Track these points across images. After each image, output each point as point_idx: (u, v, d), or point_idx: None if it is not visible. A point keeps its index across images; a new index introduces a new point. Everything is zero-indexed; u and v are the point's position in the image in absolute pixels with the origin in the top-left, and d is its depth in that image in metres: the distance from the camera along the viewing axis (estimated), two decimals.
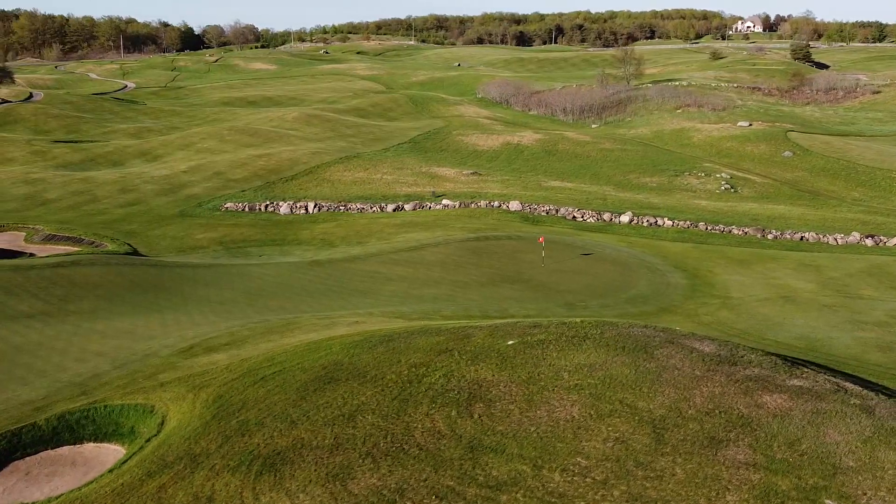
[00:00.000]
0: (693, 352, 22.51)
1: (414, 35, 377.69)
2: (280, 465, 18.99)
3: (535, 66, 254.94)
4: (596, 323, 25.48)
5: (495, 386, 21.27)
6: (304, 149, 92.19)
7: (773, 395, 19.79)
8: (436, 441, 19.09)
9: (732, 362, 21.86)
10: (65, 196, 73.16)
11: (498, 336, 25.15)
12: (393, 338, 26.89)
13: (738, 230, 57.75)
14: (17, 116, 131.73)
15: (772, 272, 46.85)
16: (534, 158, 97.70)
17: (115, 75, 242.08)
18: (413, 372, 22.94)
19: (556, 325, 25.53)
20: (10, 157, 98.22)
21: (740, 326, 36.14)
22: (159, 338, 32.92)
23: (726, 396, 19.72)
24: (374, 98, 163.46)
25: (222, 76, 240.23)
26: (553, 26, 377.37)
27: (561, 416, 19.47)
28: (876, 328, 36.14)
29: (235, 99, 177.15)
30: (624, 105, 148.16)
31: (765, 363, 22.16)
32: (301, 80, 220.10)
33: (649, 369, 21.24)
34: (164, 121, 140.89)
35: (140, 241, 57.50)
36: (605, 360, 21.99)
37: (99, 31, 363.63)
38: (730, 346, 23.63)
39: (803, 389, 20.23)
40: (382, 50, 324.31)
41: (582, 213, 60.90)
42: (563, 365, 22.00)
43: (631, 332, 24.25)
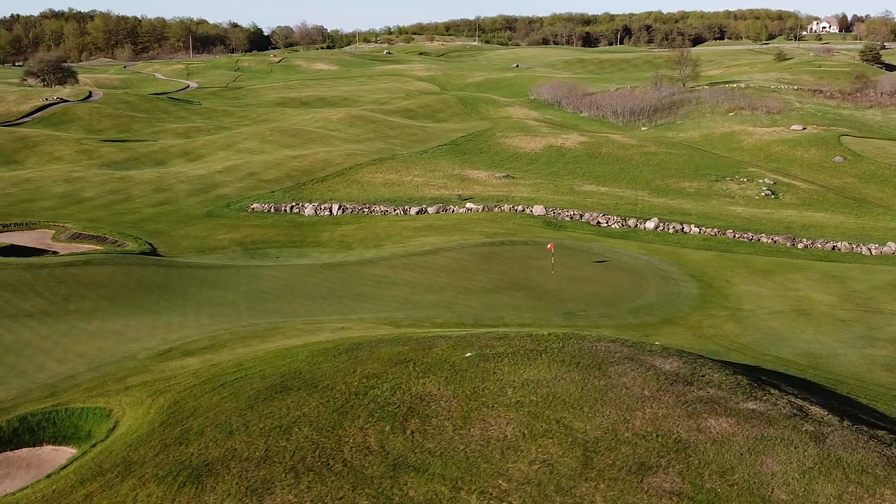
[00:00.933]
0: (651, 369, 21.49)
1: (477, 36, 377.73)
2: (205, 476, 18.62)
3: (595, 67, 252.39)
4: (560, 336, 24.59)
5: (437, 401, 20.59)
6: (340, 150, 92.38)
7: (719, 418, 18.72)
8: (362, 457, 18.52)
9: (689, 382, 20.80)
10: (101, 195, 74.48)
11: (460, 347, 24.43)
12: (361, 346, 26.37)
13: (767, 238, 55.81)
14: (72, 116, 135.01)
15: (792, 283, 45.08)
16: (574, 161, 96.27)
17: (179, 75, 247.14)
18: (363, 383, 22.38)
19: (520, 338, 24.71)
20: (59, 156, 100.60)
21: (743, 340, 34.73)
22: (144, 340, 32.98)
23: (669, 419, 18.72)
24: (424, 99, 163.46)
25: (283, 77, 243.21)
26: (620, 27, 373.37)
27: (493, 435, 18.72)
28: (888, 345, 34.39)
29: (289, 99, 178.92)
30: (676, 107, 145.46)
31: (725, 383, 21.04)
32: (358, 80, 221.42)
33: (597, 387, 20.33)
34: (215, 121, 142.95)
35: (163, 240, 58.10)
36: (555, 377, 21.13)
37: (169, 31, 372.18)
38: (694, 363, 22.53)
39: (755, 413, 19.10)
40: (445, 51, 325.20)
41: (607, 219, 59.59)
42: (511, 380, 21.21)
43: (592, 347, 23.31)
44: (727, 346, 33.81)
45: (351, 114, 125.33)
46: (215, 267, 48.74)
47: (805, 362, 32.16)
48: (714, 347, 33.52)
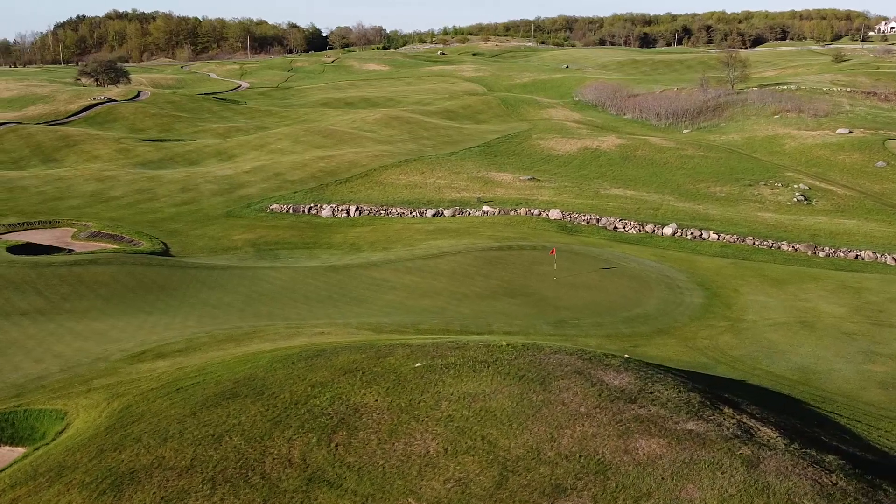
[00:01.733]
0: (596, 385, 20.72)
1: (533, 37, 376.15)
2: (127, 484, 18.41)
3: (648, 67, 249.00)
4: (518, 347, 23.91)
5: (370, 413, 20.10)
6: (369, 151, 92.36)
7: (651, 439, 17.90)
8: (281, 470, 18.13)
9: (632, 399, 19.98)
10: (128, 193, 75.53)
11: (414, 357, 23.90)
12: (322, 353, 25.95)
13: (787, 246, 54.10)
14: (117, 115, 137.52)
15: (804, 293, 43.54)
16: (608, 164, 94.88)
17: (233, 75, 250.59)
18: (307, 392, 22.00)
19: (476, 348, 24.09)
20: (97, 155, 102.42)
21: (736, 353, 33.56)
22: (124, 341, 33.08)
23: (598, 438, 17.96)
24: (466, 100, 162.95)
25: (334, 77, 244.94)
26: (680, 27, 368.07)
27: (415, 451, 18.18)
28: (890, 361, 32.91)
29: (334, 100, 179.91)
30: (721, 110, 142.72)
31: (673, 401, 20.17)
32: (406, 81, 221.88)
33: (533, 403, 19.65)
34: (257, 121, 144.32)
35: (178, 240, 58.58)
36: (494, 390, 20.48)
37: (228, 32, 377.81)
38: (648, 379, 21.69)
39: (692, 435, 18.23)
40: (499, 51, 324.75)
41: (624, 224, 58.39)
42: (450, 393, 20.63)
43: (544, 360, 22.60)
44: (717, 358, 32.68)
45: (388, 115, 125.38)
46: (220, 268, 48.88)
47: (796, 378, 30.94)
48: (703, 360, 32.44)
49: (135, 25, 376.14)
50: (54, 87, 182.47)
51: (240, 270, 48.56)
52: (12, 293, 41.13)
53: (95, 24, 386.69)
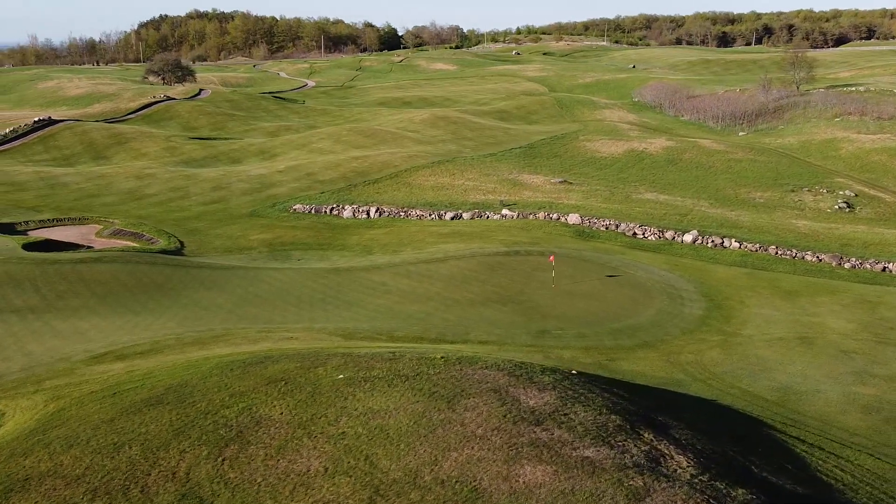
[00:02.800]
0: (507, 404, 19.82)
1: (607, 36, 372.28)
2: (15, 492, 18.30)
3: (719, 68, 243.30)
4: (449, 360, 23.09)
5: (270, 426, 19.59)
6: (405, 151, 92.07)
7: (539, 466, 16.98)
8: (161, 484, 17.78)
9: (539, 421, 19.04)
10: (162, 192, 76.70)
11: (346, 367, 23.31)
12: (263, 361, 25.58)
13: (812, 256, 51.76)
14: (173, 113, 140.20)
15: (814, 307, 41.52)
16: (651, 167, 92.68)
17: (302, 74, 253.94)
18: (224, 402, 21.64)
19: (407, 360, 23.34)
20: (145, 153, 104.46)
21: (718, 370, 32.06)
22: (96, 340, 33.29)
23: (483, 463, 17.10)
24: (522, 100, 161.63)
25: (400, 76, 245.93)
26: (761, 26, 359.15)
27: (296, 469, 17.60)
28: (883, 383, 31.03)
29: (392, 99, 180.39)
30: (782, 112, 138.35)
31: (585, 424, 19.17)
32: (469, 81, 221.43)
33: (431, 422, 18.86)
34: (310, 119, 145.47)
35: (196, 238, 59.09)
36: (399, 407, 19.76)
37: (303, 31, 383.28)
38: (569, 398, 20.68)
39: (587, 462, 17.24)
40: (570, 51, 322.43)
41: (643, 230, 56.70)
42: (354, 408, 19.98)
43: (470, 375, 21.77)
44: (695, 375, 31.26)
45: (435, 115, 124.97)
46: (223, 268, 49.06)
47: (773, 398, 29.36)
48: (679, 376, 31.07)
49: (214, 25, 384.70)
50: (121, 86, 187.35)
51: (243, 271, 48.65)
52: (11, 290, 41.87)
53: (176, 24, 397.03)
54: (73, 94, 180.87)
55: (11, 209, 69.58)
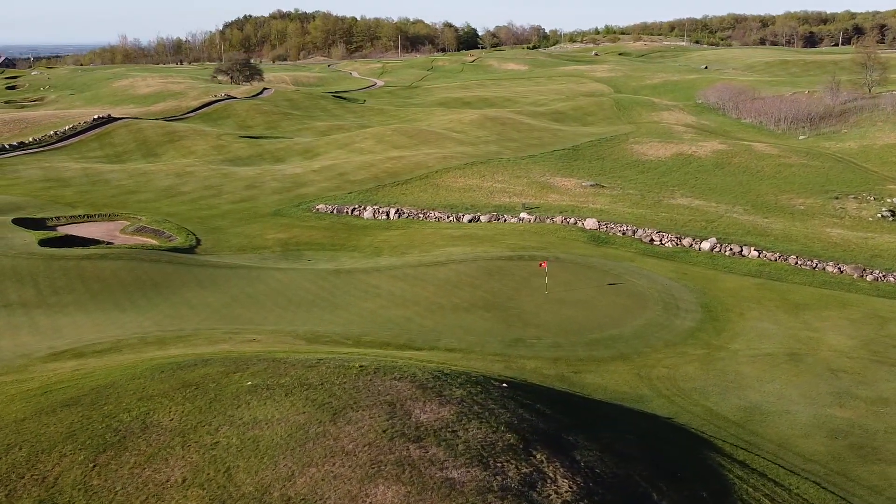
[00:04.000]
0: (396, 418, 19.20)
1: (687, 36, 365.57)
2: None
3: (798, 69, 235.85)
4: (367, 368, 22.50)
5: (152, 433, 19.37)
6: (442, 152, 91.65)
7: (394, 486, 16.35)
8: (28, 489, 17.80)
9: (420, 438, 18.36)
10: (196, 189, 77.87)
11: (261, 374, 22.97)
12: (196, 364, 25.39)
13: (833, 267, 49.38)
14: (231, 112, 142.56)
15: (819, 321, 39.53)
16: (695, 171, 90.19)
17: (373, 74, 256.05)
18: (130, 405, 21.53)
19: (325, 368, 22.83)
20: (193, 150, 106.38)
21: (687, 386, 30.71)
22: (65, 337, 33.74)
23: (338, 481, 16.55)
24: (581, 101, 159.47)
25: (469, 76, 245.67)
26: (851, 27, 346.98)
27: (157, 479, 17.35)
28: (863, 405, 29.26)
29: (453, 99, 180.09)
30: (848, 115, 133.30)
31: (470, 442, 18.46)
32: (536, 81, 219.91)
33: (308, 435, 18.36)
34: (365, 119, 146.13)
35: (215, 237, 59.69)
36: (283, 418, 19.31)
37: (381, 31, 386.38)
38: (467, 414, 19.91)
39: (447, 483, 16.53)
40: (647, 51, 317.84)
41: (661, 236, 54.97)
42: (240, 417, 19.62)
43: (377, 384, 21.22)
44: (660, 391, 30.00)
45: (485, 115, 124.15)
46: (226, 267, 49.37)
47: (736, 418, 27.94)
48: (643, 392, 29.86)
49: (295, 25, 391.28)
50: (189, 85, 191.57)
51: (245, 270, 48.87)
52: (11, 284, 42.86)
53: (260, 24, 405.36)
54: (142, 93, 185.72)
55: (50, 205, 71.54)
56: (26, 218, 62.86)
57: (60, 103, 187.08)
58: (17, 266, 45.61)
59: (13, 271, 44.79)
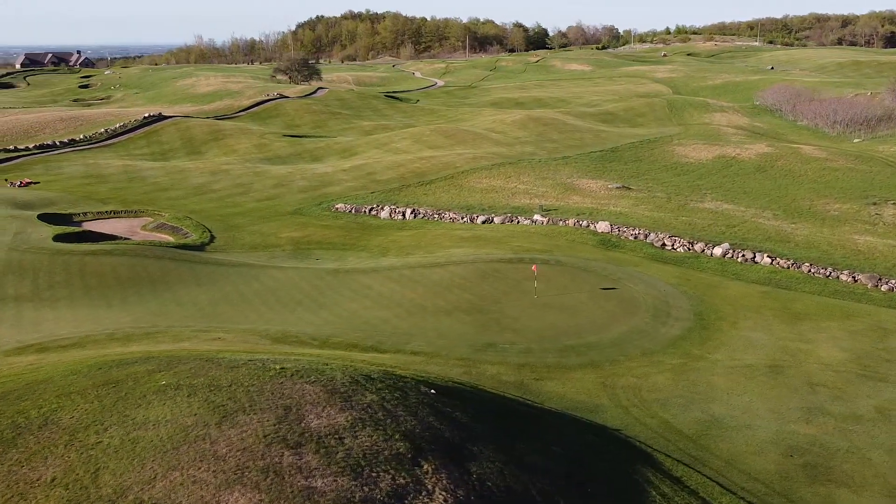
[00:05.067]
0: (285, 422, 18.93)
1: (759, 36, 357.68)
2: None
3: (871, 70, 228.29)
4: (287, 370, 22.27)
5: (47, 431, 19.47)
6: (474, 153, 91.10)
7: (249, 493, 16.23)
8: None
9: (300, 444, 18.14)
10: (227, 188, 78.84)
11: (187, 373, 22.92)
12: (135, 362, 25.52)
13: (847, 276, 47.36)
14: (280, 111, 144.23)
15: (815, 332, 37.92)
16: (734, 175, 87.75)
17: (436, 74, 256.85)
18: (46, 402, 21.70)
19: (241, 368, 22.67)
20: (236, 149, 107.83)
21: (651, 397, 29.73)
22: (38, 332, 34.35)
23: (196, 486, 16.41)
24: (633, 102, 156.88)
25: (530, 76, 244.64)
26: None
27: (30, 477, 17.48)
28: (832, 422, 27.92)
29: (506, 100, 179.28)
30: None
31: (355, 449, 18.16)
32: (595, 81, 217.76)
33: (187, 437, 18.25)
34: (414, 119, 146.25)
35: (231, 234, 60.28)
36: (174, 418, 19.25)
37: (450, 32, 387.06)
38: (365, 420, 19.51)
39: (308, 492, 16.29)
40: (718, 51, 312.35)
41: (673, 241, 53.49)
42: (134, 417, 19.60)
43: (286, 388, 21.01)
44: (619, 401, 29.11)
45: (530, 116, 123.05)
46: (228, 264, 49.78)
47: (690, 432, 26.93)
48: (601, 402, 29.03)
49: (366, 25, 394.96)
50: (247, 84, 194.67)
51: (246, 269, 49.19)
52: (12, 278, 43.89)
53: (331, 24, 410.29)
54: (202, 92, 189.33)
55: (83, 200, 73.24)
56: (53, 213, 64.43)
57: (124, 102, 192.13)
58: (24, 260, 46.67)
59: (18, 265, 45.85)
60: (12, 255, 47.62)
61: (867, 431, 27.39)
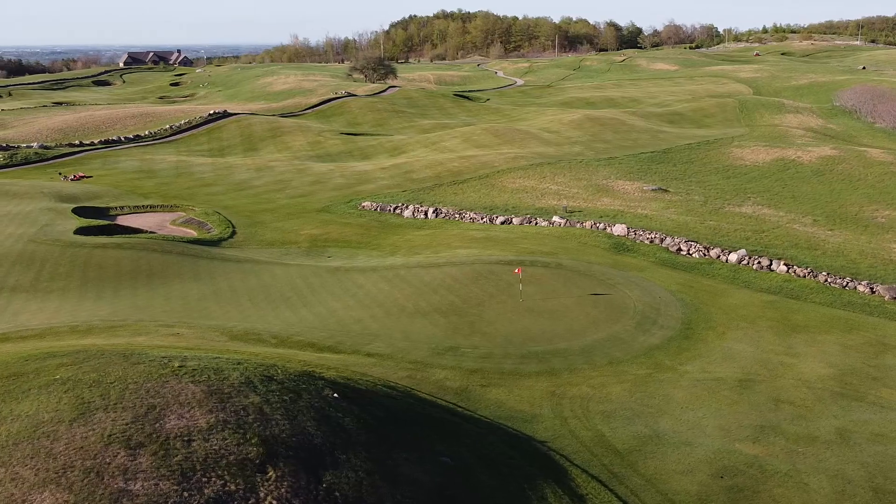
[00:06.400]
0: (139, 422, 18.86)
1: (860, 35, 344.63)
2: None
3: None
4: (187, 369, 22.12)
5: None
6: (517, 152, 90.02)
7: (58, 494, 16.15)
8: None
9: (140, 446, 17.89)
10: (265, 184, 79.92)
11: (83, 369, 23.02)
12: (66, 355, 25.79)
13: (864, 287, 44.72)
14: (344, 109, 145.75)
15: (805, 346, 35.86)
16: (788, 178, 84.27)
17: (518, 73, 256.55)
18: None
19: (144, 365, 22.63)
20: (290, 146, 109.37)
21: (597, 408, 28.58)
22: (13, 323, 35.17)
23: (14, 483, 16.56)
24: (705, 102, 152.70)
25: (612, 76, 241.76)
26: None
27: None
28: (782, 442, 26.28)
29: (577, 100, 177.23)
30: None
31: (200, 453, 17.79)
32: (675, 81, 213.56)
33: (34, 434, 18.42)
34: (479, 118, 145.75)
35: (253, 231, 60.98)
36: (35, 413, 19.45)
37: (539, 31, 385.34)
38: (227, 424, 19.20)
39: (123, 495, 16.00)
40: (813, 51, 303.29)
41: (689, 246, 51.54)
42: (2, 410, 19.63)
43: (156, 386, 20.78)
44: (560, 412, 28.08)
45: (588, 116, 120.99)
46: (234, 260, 50.31)
47: (622, 447, 25.75)
48: (541, 412, 28.06)
49: (457, 24, 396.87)
50: (321, 82, 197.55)
51: (250, 265, 49.63)
52: (18, 268, 45.31)
53: (423, 24, 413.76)
54: (277, 90, 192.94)
55: (126, 194, 75.28)
56: (89, 207, 66.33)
57: (205, 99, 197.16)
58: (36, 252, 48.12)
59: (30, 257, 47.29)
60: (28, 247, 49.16)
61: (816, 454, 25.66)
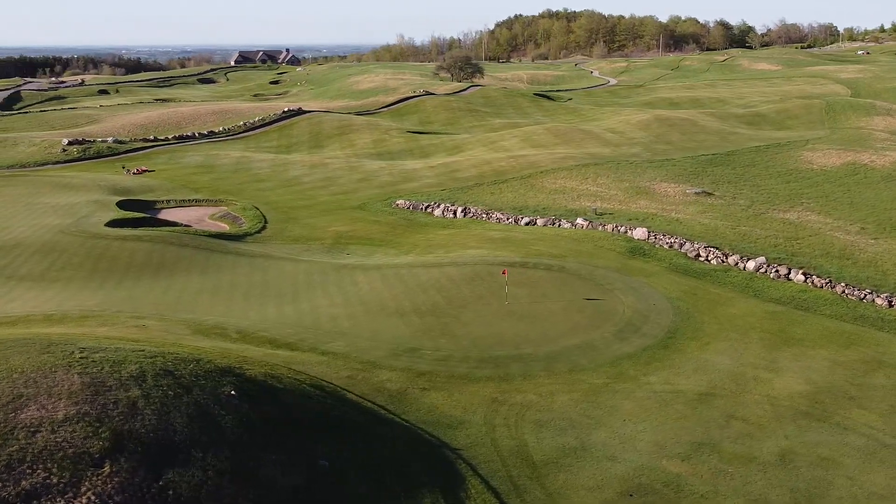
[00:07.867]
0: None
1: None
2: None
3: None
4: (84, 359, 22.73)
5: None
6: (570, 152, 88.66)
7: None
8: None
9: None
10: (313, 181, 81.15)
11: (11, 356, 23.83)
12: (8, 344, 26.79)
13: (883, 300, 42.02)
14: (418, 108, 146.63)
15: (790, 361, 34.01)
16: (851, 183, 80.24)
17: (614, 73, 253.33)
18: None
19: (55, 354, 23.30)
20: (354, 143, 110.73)
21: (535, 417, 27.95)
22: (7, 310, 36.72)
23: None
24: (791, 104, 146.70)
25: (707, 76, 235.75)
26: None
27: None
28: (714, 462, 25.13)
29: (662, 100, 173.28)
30: None
31: (19, 450, 18.15)
32: (771, 81, 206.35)
33: None
34: (554, 117, 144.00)
35: (285, 226, 62.02)
36: None
37: (644, 30, 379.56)
38: (70, 418, 19.55)
39: None
40: None
41: (708, 252, 49.60)
42: None
43: (48, 374, 21.40)
44: (493, 420, 27.61)
45: (657, 116, 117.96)
46: (247, 255, 51.35)
47: (538, 459, 25.23)
48: (471, 418, 27.65)
49: (561, 24, 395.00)
50: (406, 81, 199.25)
51: (262, 259, 50.52)
52: (37, 258, 47.46)
53: (527, 23, 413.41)
54: (362, 88, 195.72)
55: (178, 188, 77.67)
56: (135, 200, 68.74)
57: (297, 97, 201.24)
58: (58, 242, 50.18)
59: (52, 247, 49.38)
60: (55, 238, 51.32)
61: (745, 476, 24.40)
